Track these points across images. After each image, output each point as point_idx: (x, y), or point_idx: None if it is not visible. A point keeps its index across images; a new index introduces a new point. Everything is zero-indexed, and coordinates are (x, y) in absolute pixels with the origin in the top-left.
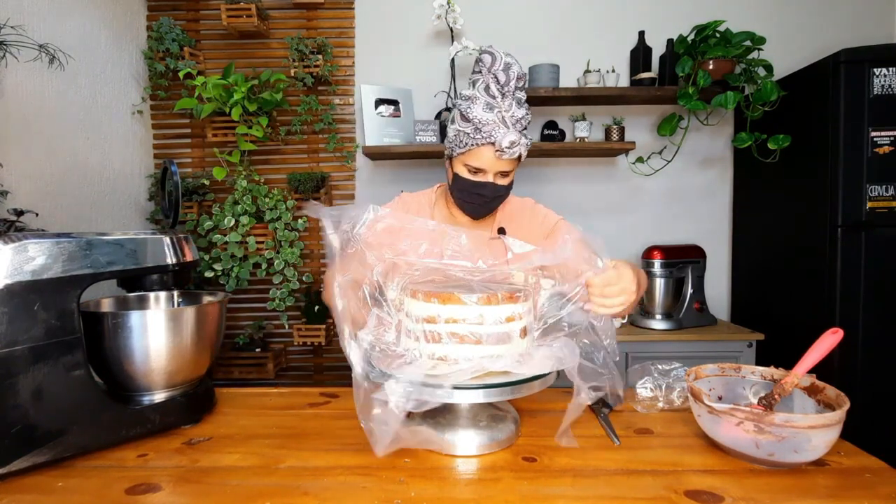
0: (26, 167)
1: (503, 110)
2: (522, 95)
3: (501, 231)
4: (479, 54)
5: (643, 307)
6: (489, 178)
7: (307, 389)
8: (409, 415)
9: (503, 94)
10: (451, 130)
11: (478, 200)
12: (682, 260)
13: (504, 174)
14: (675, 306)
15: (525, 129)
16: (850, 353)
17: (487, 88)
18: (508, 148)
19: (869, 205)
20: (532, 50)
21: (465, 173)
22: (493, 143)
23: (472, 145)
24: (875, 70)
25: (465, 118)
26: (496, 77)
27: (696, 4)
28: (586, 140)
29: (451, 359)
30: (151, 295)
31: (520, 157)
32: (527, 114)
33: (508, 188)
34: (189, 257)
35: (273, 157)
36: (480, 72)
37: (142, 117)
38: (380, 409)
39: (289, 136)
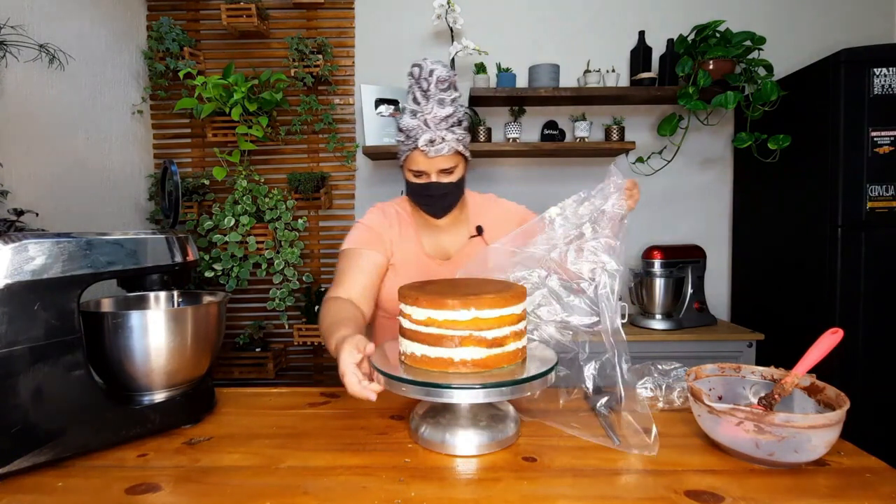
0: (26, 167)
1: (425, 113)
2: (447, 96)
3: (479, 229)
4: (410, 68)
5: (643, 307)
6: (432, 178)
7: (307, 389)
8: (410, 415)
9: (427, 99)
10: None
11: (428, 201)
12: (682, 260)
13: (446, 172)
14: (675, 306)
15: (455, 125)
16: (850, 353)
17: (414, 98)
18: (428, 146)
19: (869, 205)
20: (532, 50)
21: (411, 178)
22: (419, 150)
23: (407, 151)
24: (875, 70)
25: (399, 129)
26: (420, 85)
27: (696, 4)
28: (586, 140)
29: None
30: (151, 295)
31: (458, 152)
32: (454, 111)
33: (457, 185)
34: (189, 257)
35: (273, 157)
36: (410, 85)
37: (142, 117)
38: None
39: (289, 136)
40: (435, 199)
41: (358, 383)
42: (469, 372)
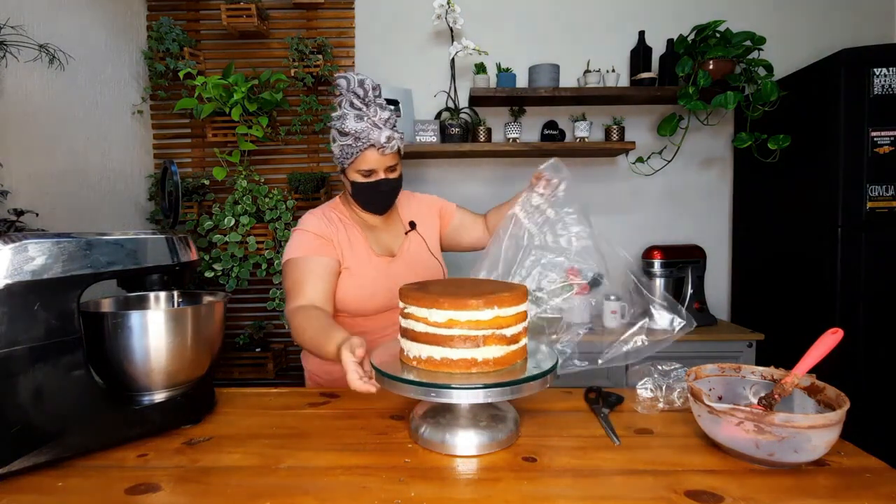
0: (26, 167)
1: (371, 116)
2: (382, 101)
3: (413, 224)
4: (335, 80)
5: (643, 308)
6: (381, 176)
7: (307, 389)
8: (410, 415)
9: (366, 104)
10: (335, 148)
11: (378, 198)
12: (682, 260)
13: (391, 169)
14: None
15: (395, 126)
16: (850, 353)
17: (352, 104)
18: (387, 143)
19: (869, 205)
20: (532, 50)
21: (359, 178)
22: (373, 145)
23: (357, 152)
24: (875, 70)
25: (342, 133)
26: (355, 93)
27: (696, 4)
28: (586, 140)
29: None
30: (151, 295)
31: (399, 150)
32: (392, 114)
33: (400, 180)
34: (189, 257)
35: (273, 157)
36: (341, 94)
37: (142, 117)
38: None
39: (289, 136)
40: (383, 196)
41: (359, 379)
42: (491, 371)
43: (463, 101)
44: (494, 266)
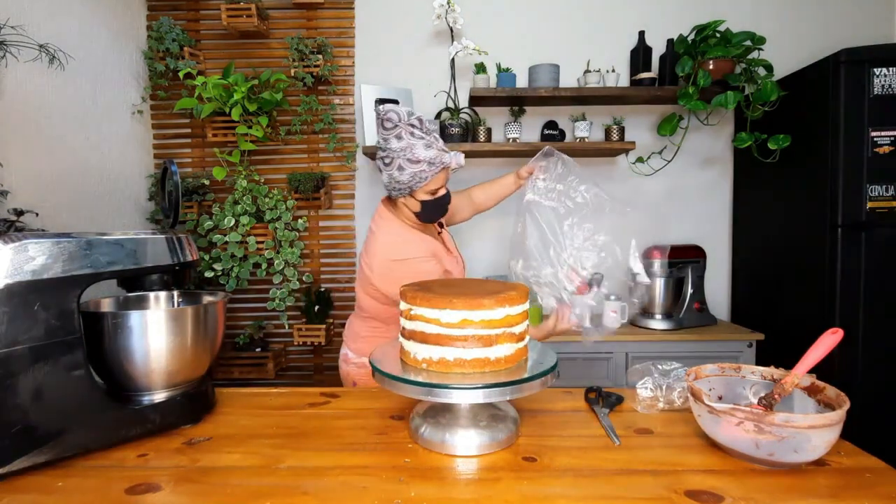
0: (26, 167)
1: (436, 143)
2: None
3: (441, 224)
4: (383, 115)
5: (643, 307)
6: (444, 191)
7: (307, 389)
8: (410, 415)
9: (427, 133)
10: (404, 175)
11: (442, 210)
12: (682, 260)
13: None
14: (675, 306)
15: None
16: (850, 353)
17: (413, 134)
18: (457, 166)
19: (869, 205)
20: (532, 50)
21: (428, 197)
22: (446, 168)
23: (431, 176)
24: (875, 70)
25: (414, 161)
26: (412, 125)
27: (696, 4)
28: (586, 140)
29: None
30: (151, 295)
31: None
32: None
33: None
34: (189, 257)
35: (273, 157)
36: (396, 126)
37: (142, 117)
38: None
39: (289, 136)
40: (445, 207)
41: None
42: (502, 369)
43: (463, 101)
44: (531, 257)
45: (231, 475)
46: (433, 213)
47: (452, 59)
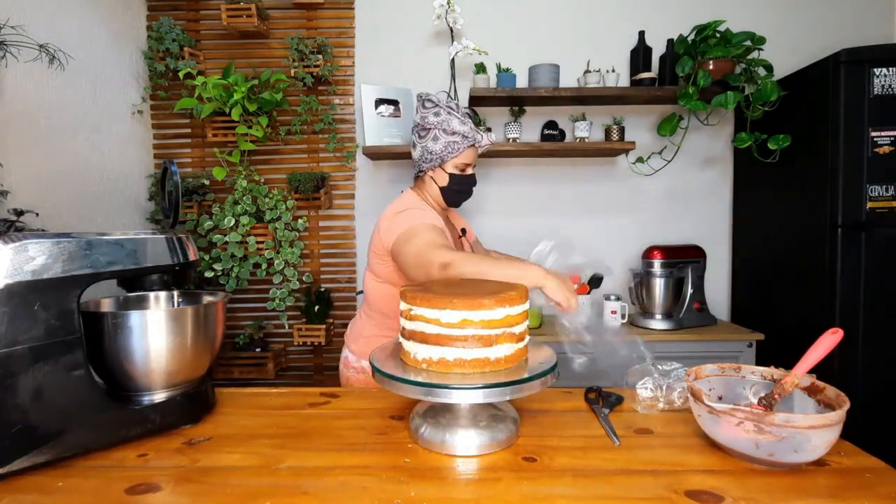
0: (26, 167)
1: (468, 122)
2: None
3: (463, 231)
4: (425, 97)
5: (643, 307)
6: (472, 171)
7: (307, 389)
8: (410, 415)
9: (462, 115)
10: (437, 144)
11: (468, 189)
12: (682, 260)
13: (474, 166)
14: (675, 306)
15: None
16: (850, 353)
17: (451, 111)
18: (485, 143)
19: (869, 205)
20: (532, 50)
21: (457, 171)
22: (474, 144)
23: (463, 148)
24: (875, 70)
25: (449, 132)
26: (450, 106)
27: (696, 4)
28: (586, 140)
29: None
30: (151, 295)
31: None
32: None
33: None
34: (189, 257)
35: (273, 157)
36: (436, 106)
37: (142, 117)
38: None
39: (289, 136)
40: (470, 189)
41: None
42: (502, 369)
43: (463, 101)
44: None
45: (231, 475)
46: (459, 189)
47: (452, 59)
